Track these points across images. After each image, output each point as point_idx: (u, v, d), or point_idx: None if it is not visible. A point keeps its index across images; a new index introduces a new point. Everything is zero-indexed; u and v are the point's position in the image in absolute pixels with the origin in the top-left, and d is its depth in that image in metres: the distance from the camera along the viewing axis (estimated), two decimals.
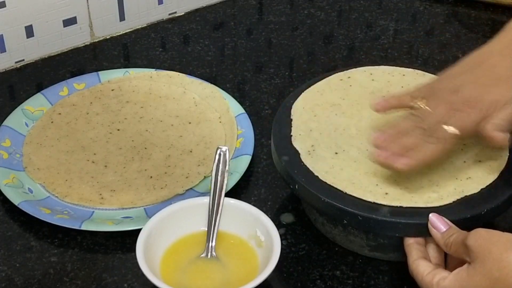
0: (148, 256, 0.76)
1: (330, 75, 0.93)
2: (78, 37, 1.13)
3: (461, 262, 0.71)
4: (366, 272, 0.82)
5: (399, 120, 0.80)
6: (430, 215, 0.74)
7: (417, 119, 0.78)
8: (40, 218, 0.85)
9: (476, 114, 0.76)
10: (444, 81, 0.79)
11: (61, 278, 0.81)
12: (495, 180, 0.79)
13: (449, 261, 0.75)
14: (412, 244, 0.76)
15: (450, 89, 0.77)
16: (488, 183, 0.79)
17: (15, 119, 0.97)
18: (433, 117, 0.77)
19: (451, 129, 0.76)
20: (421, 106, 0.78)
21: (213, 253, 0.79)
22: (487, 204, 0.77)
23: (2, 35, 1.06)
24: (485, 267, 0.67)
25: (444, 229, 0.73)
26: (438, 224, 0.74)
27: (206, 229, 0.80)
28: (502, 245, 0.66)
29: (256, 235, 0.80)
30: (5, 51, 1.07)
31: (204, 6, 1.22)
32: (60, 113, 1.00)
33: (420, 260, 0.74)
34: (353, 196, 0.77)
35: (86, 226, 0.84)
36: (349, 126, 0.86)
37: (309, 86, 0.91)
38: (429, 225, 0.74)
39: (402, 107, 0.81)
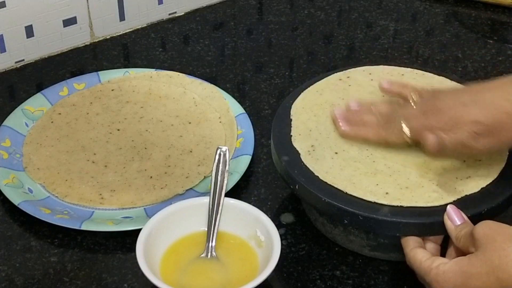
0: (148, 256, 0.76)
1: (330, 75, 0.93)
2: (78, 37, 1.13)
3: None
4: (366, 272, 0.82)
5: (382, 101, 0.86)
6: (448, 206, 0.75)
7: (396, 108, 0.82)
8: (40, 218, 0.85)
9: (431, 121, 0.77)
10: (442, 92, 0.81)
11: (61, 278, 0.81)
12: (495, 179, 0.79)
13: (449, 254, 0.75)
14: (409, 236, 0.76)
15: (436, 97, 0.79)
16: (488, 183, 0.79)
17: (15, 119, 0.97)
18: (405, 111, 0.80)
19: (405, 127, 0.79)
20: (412, 98, 0.81)
21: (213, 253, 0.79)
22: (487, 203, 0.77)
23: (2, 35, 1.06)
24: (486, 254, 0.67)
25: (459, 223, 0.73)
26: (454, 216, 0.74)
27: (206, 229, 0.80)
28: (507, 235, 0.67)
29: (256, 235, 0.80)
30: (5, 51, 1.08)
31: (204, 6, 1.22)
32: (60, 113, 1.00)
33: (418, 249, 0.74)
34: (354, 196, 0.77)
35: (86, 226, 0.84)
36: None
37: (309, 86, 0.91)
38: (445, 216, 0.74)
39: (400, 95, 0.84)
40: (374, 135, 0.82)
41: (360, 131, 0.83)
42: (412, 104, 0.81)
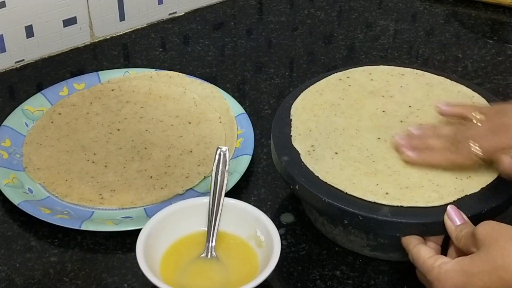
0: (148, 256, 0.76)
1: (330, 75, 0.93)
2: (78, 37, 1.13)
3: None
4: (366, 272, 0.82)
5: (444, 124, 0.82)
6: (448, 206, 0.75)
7: (460, 129, 0.79)
8: (40, 218, 0.85)
9: (503, 140, 0.75)
10: (506, 107, 0.79)
11: (61, 278, 0.81)
12: (495, 179, 0.79)
13: (450, 254, 0.75)
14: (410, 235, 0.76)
15: (502, 113, 0.78)
16: (488, 182, 0.79)
17: (15, 119, 0.97)
18: (471, 131, 0.78)
19: (475, 147, 0.76)
20: (476, 117, 0.78)
21: (213, 253, 0.79)
22: (488, 203, 0.77)
23: (2, 35, 1.06)
24: (489, 254, 0.67)
25: (459, 223, 0.73)
26: (454, 217, 0.74)
27: (206, 229, 0.80)
28: (509, 235, 0.67)
29: (256, 235, 0.80)
30: (5, 51, 1.08)
31: (204, 6, 1.22)
32: (60, 113, 1.00)
33: (422, 246, 0.74)
34: (354, 196, 0.77)
35: (86, 226, 0.84)
36: (349, 126, 0.86)
37: (309, 86, 0.91)
38: (445, 217, 0.74)
39: (462, 117, 0.81)
40: (442, 159, 0.79)
41: (427, 157, 0.79)
42: (477, 123, 0.78)
